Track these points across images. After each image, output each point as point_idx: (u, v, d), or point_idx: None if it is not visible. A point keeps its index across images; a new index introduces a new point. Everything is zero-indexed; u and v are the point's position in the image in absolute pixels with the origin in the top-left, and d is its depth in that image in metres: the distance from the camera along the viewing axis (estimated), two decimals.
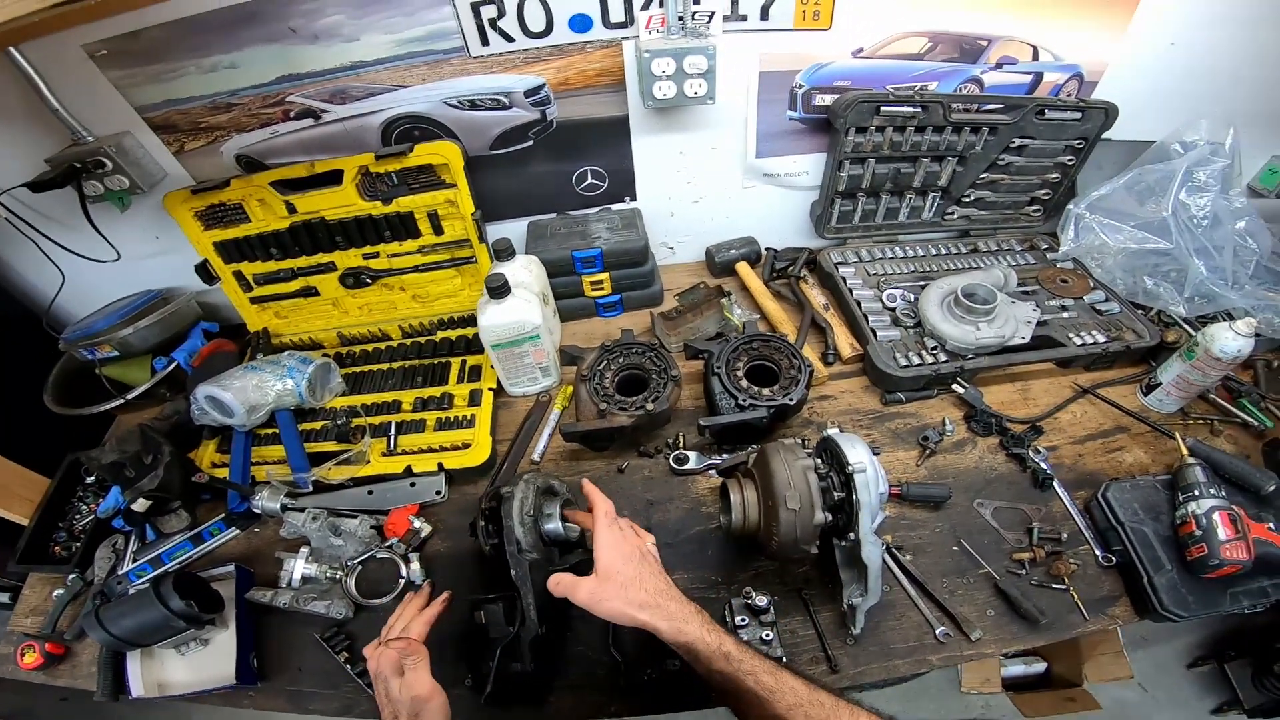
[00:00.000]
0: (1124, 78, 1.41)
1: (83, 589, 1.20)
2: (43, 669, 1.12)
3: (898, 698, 2.13)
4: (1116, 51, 1.37)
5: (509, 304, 1.23)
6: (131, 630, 0.99)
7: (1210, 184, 1.34)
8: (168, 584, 0.99)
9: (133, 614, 0.99)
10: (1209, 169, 1.34)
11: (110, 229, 1.35)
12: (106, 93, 1.23)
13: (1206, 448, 1.15)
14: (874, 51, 1.35)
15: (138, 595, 1.01)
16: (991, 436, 1.28)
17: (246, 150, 1.36)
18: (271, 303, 1.54)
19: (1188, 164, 1.35)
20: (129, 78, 1.22)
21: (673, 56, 1.21)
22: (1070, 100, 1.42)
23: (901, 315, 1.43)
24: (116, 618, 0.98)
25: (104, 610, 0.99)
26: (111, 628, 0.98)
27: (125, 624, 0.98)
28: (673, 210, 1.63)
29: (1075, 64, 1.40)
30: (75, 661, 1.14)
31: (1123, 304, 1.45)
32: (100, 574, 1.20)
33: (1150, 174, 1.39)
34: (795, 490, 0.94)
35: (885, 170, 1.49)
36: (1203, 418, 1.29)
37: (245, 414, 1.29)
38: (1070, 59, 1.39)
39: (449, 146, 1.31)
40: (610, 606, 0.85)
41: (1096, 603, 1.06)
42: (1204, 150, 1.35)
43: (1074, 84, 1.43)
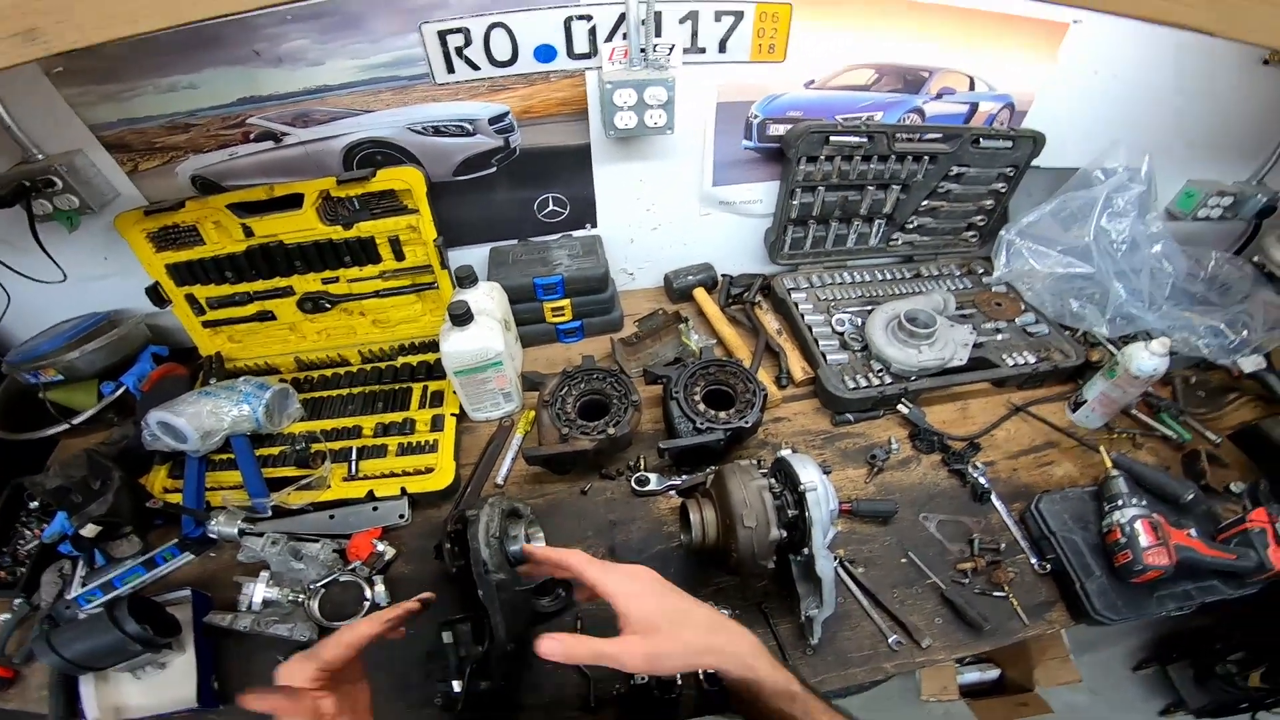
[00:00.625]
0: (1051, 106, 1.49)
1: (29, 613, 1.15)
2: None
3: (860, 707, 2.13)
4: (1044, 80, 1.45)
5: (471, 331, 1.24)
6: (84, 654, 0.96)
7: (1128, 209, 1.43)
8: (122, 608, 0.96)
9: (86, 638, 0.96)
10: (1127, 195, 1.42)
11: (57, 249, 1.31)
12: (60, 110, 1.19)
13: (1129, 460, 1.23)
14: (825, 83, 1.40)
15: (91, 619, 0.99)
16: (934, 454, 1.34)
17: (203, 171, 1.33)
18: (225, 326, 1.51)
19: (1108, 190, 1.43)
20: (84, 95, 1.18)
21: (634, 88, 1.25)
22: (1002, 129, 1.50)
23: (850, 339, 1.48)
24: (69, 641, 0.95)
25: (55, 634, 0.96)
26: (64, 651, 0.95)
27: (78, 647, 0.95)
28: (632, 237, 1.66)
29: (1007, 94, 1.48)
30: (24, 685, 1.10)
31: (1051, 326, 1.53)
32: (47, 599, 1.15)
33: (1074, 200, 1.47)
34: (751, 509, 0.98)
35: (834, 198, 1.56)
36: (1126, 432, 1.38)
37: (199, 440, 1.25)
38: (1003, 89, 1.47)
39: (412, 172, 1.32)
40: (674, 664, 0.74)
41: (1035, 608, 1.12)
42: (1122, 177, 1.43)
43: (1006, 113, 1.51)
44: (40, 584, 1.18)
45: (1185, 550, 1.07)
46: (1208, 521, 1.18)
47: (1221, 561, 1.09)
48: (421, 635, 1.05)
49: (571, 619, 1.10)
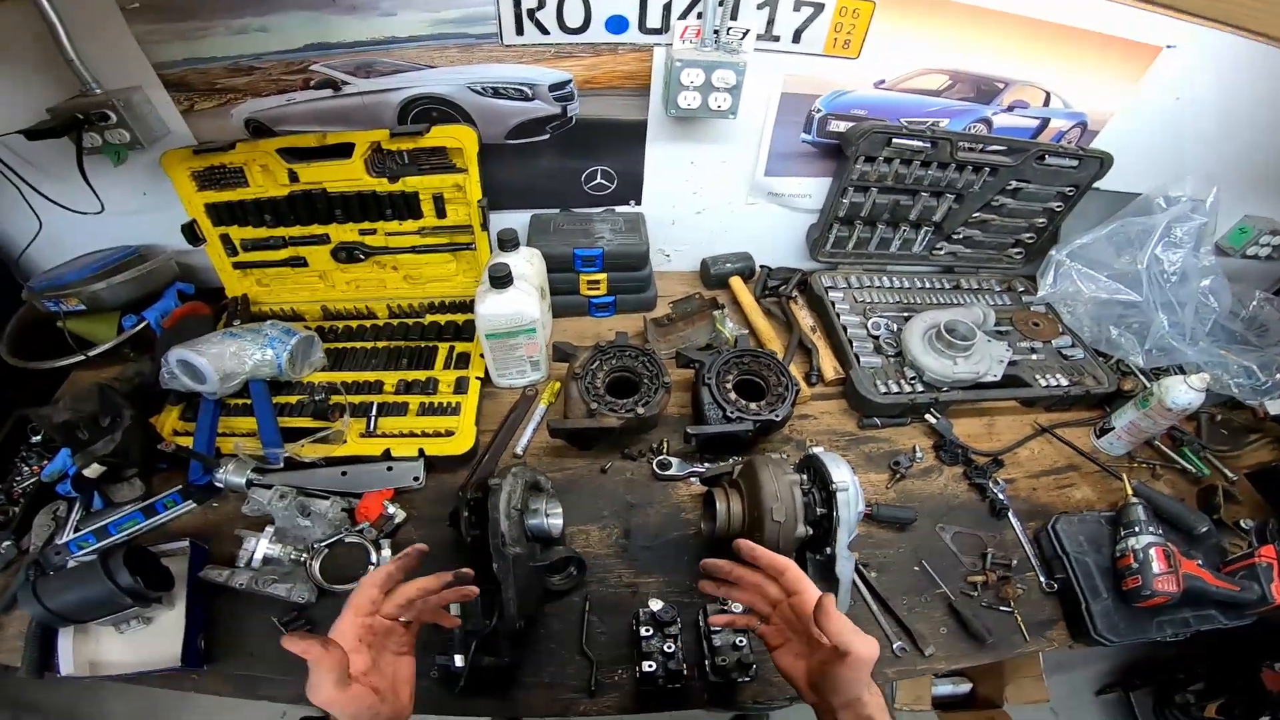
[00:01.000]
0: (1124, 129, 1.47)
1: (16, 557, 1.12)
2: None
3: None
4: (1123, 103, 1.42)
5: (509, 294, 1.22)
6: (70, 605, 0.92)
7: (1185, 240, 1.41)
8: (117, 558, 0.94)
9: (74, 588, 0.93)
10: (1187, 226, 1.41)
11: (98, 181, 1.29)
12: (126, 46, 1.18)
13: (1149, 489, 1.25)
14: (895, 84, 1.38)
15: (81, 568, 0.95)
16: (957, 466, 1.34)
17: (258, 115, 1.32)
18: (256, 269, 1.50)
19: (1168, 219, 1.41)
20: (155, 33, 1.17)
21: (703, 68, 1.23)
22: (1071, 148, 1.47)
23: (884, 344, 1.48)
24: (56, 591, 0.92)
25: (42, 583, 0.93)
26: (49, 601, 0.91)
27: (65, 598, 0.92)
28: (675, 219, 1.64)
29: (1082, 112, 1.45)
30: (1, 635, 1.06)
31: (1087, 350, 1.52)
32: (38, 542, 1.11)
33: (1132, 226, 1.46)
34: (781, 503, 0.98)
35: (886, 201, 1.54)
36: (1146, 462, 1.38)
37: (219, 381, 1.24)
38: (1079, 107, 1.44)
39: (465, 131, 1.30)
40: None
41: (1037, 625, 1.13)
42: (1185, 207, 1.42)
43: (1077, 131, 1.48)
44: (32, 526, 1.14)
45: (1193, 579, 1.09)
46: (1215, 554, 1.20)
47: (1225, 592, 1.11)
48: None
49: (580, 599, 1.10)
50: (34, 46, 1.14)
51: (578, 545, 1.17)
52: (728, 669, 0.99)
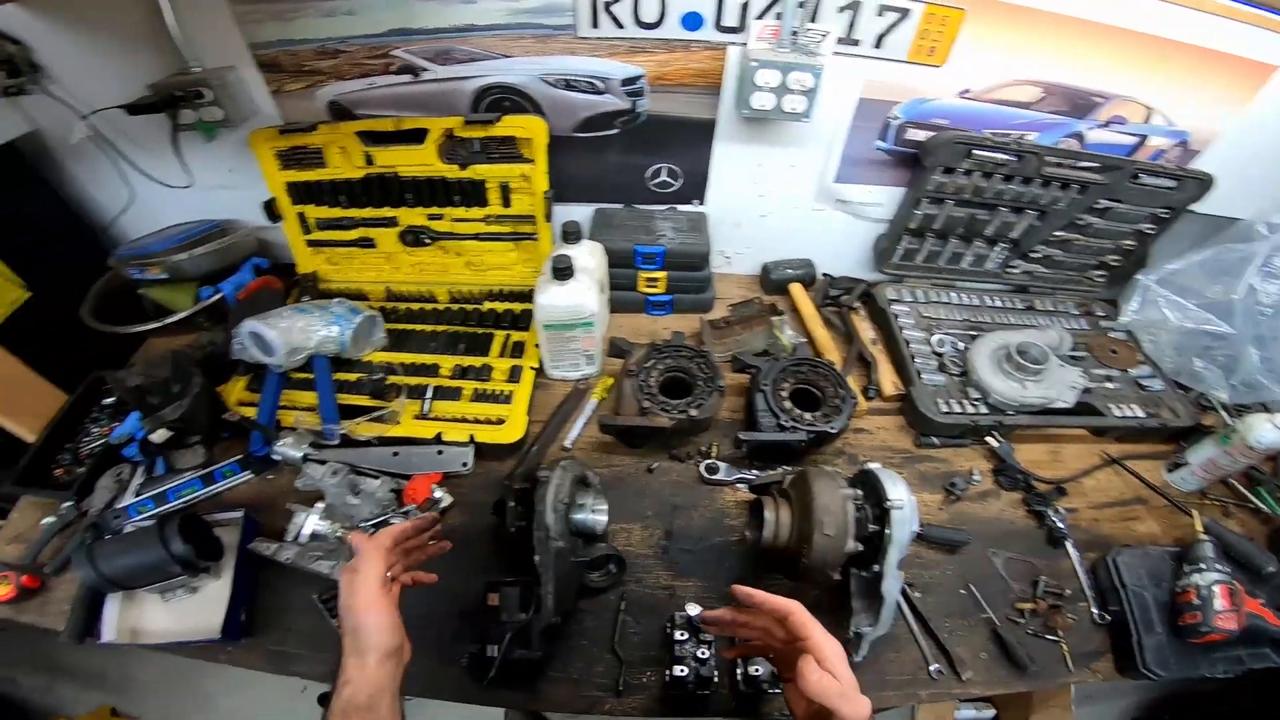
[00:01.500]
0: (1229, 150, 1.39)
1: (75, 519, 1.15)
2: (11, 603, 1.06)
3: None
4: (1230, 123, 1.36)
5: (570, 287, 1.23)
6: (122, 571, 0.95)
7: None
8: (173, 525, 0.96)
9: (130, 553, 0.95)
10: None
11: (188, 157, 1.36)
12: (225, 25, 1.23)
13: (1219, 527, 1.19)
14: (981, 94, 1.34)
15: (137, 534, 0.98)
16: (1016, 491, 1.29)
17: (340, 98, 1.36)
18: (326, 248, 1.55)
19: (1269, 248, 1.32)
20: (252, 13, 1.23)
21: (779, 70, 1.20)
22: (1170, 167, 1.40)
23: (948, 362, 1.42)
24: (110, 555, 0.95)
25: (98, 546, 0.96)
26: (102, 565, 0.94)
27: (119, 563, 0.94)
28: (739, 221, 1.62)
29: (1184, 130, 1.38)
30: (48, 598, 1.09)
31: (1167, 382, 1.44)
32: (99, 505, 1.14)
33: (1229, 254, 1.36)
34: (834, 517, 0.95)
35: (961, 214, 1.49)
36: (1219, 500, 1.31)
37: (285, 355, 1.28)
38: (1181, 125, 1.37)
39: (536, 122, 1.31)
40: None
41: (1083, 656, 1.09)
42: None
43: (1177, 150, 1.41)
44: (95, 488, 1.17)
45: (1255, 618, 1.05)
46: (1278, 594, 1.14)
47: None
48: (462, 592, 1.05)
49: (616, 598, 1.09)
50: (142, 22, 1.20)
51: (619, 543, 1.16)
52: (759, 679, 0.97)
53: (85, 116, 1.29)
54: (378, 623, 0.76)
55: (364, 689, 0.72)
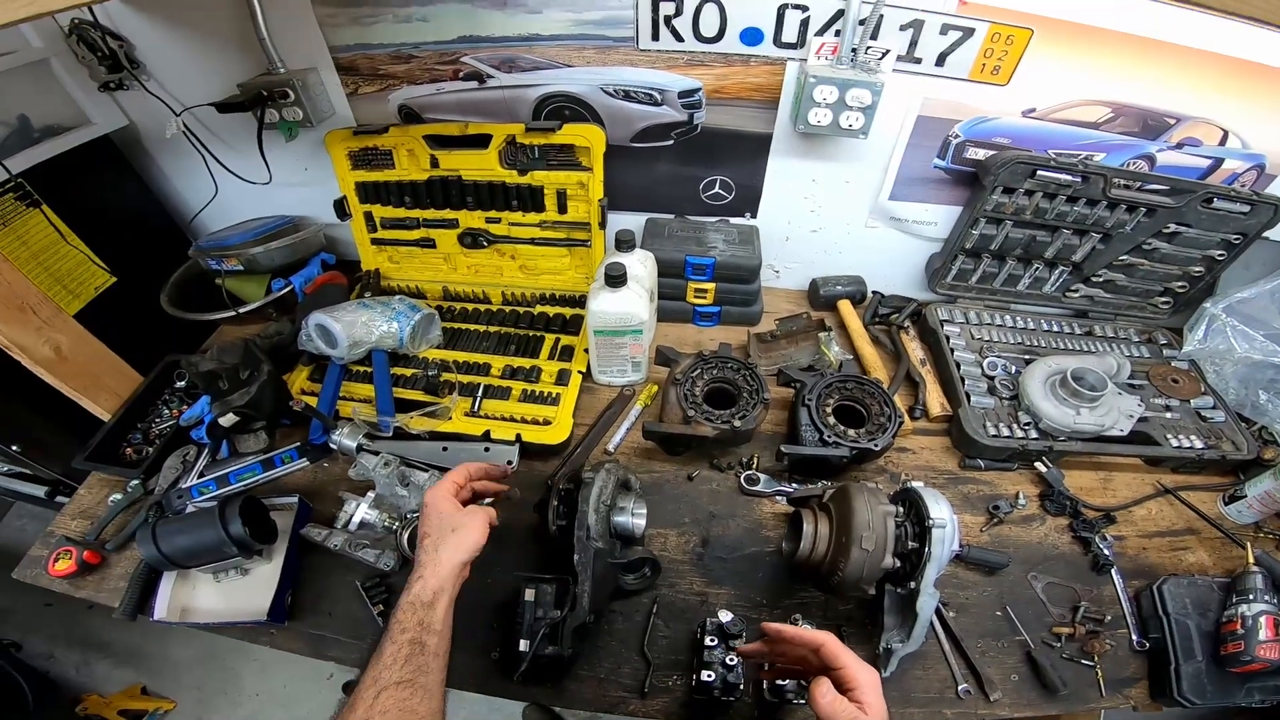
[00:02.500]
0: None
1: (140, 497, 1.20)
2: (70, 578, 1.09)
3: None
4: None
5: (622, 294, 1.25)
6: (181, 550, 0.98)
7: None
8: (234, 506, 1.00)
9: (189, 532, 0.99)
10: None
11: (269, 155, 1.42)
12: (309, 28, 1.30)
13: (1271, 559, 1.15)
14: (1046, 114, 1.31)
15: (197, 514, 1.02)
16: (1063, 517, 1.26)
17: (410, 102, 1.42)
18: (389, 246, 1.60)
19: None
20: (334, 16, 1.29)
21: (837, 86, 1.20)
22: (1244, 192, 1.34)
23: (999, 385, 1.40)
24: (171, 534, 0.99)
25: (161, 525, 1.00)
26: (163, 544, 0.98)
27: (179, 541, 0.98)
28: (789, 235, 1.63)
29: (1261, 154, 1.33)
30: (106, 574, 1.13)
31: (1229, 413, 1.39)
32: (164, 484, 1.19)
33: None
34: (873, 532, 0.95)
35: (1020, 235, 1.46)
36: (1273, 533, 1.26)
37: (348, 348, 1.33)
38: (1259, 148, 1.32)
39: (595, 131, 1.34)
40: None
41: (1117, 682, 1.06)
42: None
43: (1252, 174, 1.36)
44: (162, 468, 1.23)
45: None
46: None
47: None
48: (499, 585, 1.07)
49: (649, 601, 1.10)
50: (234, 23, 1.27)
51: (655, 548, 1.17)
52: (785, 689, 0.96)
53: (179, 113, 1.37)
54: (451, 510, 0.91)
55: (431, 584, 0.82)
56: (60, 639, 2.26)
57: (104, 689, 2.16)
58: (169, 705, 2.15)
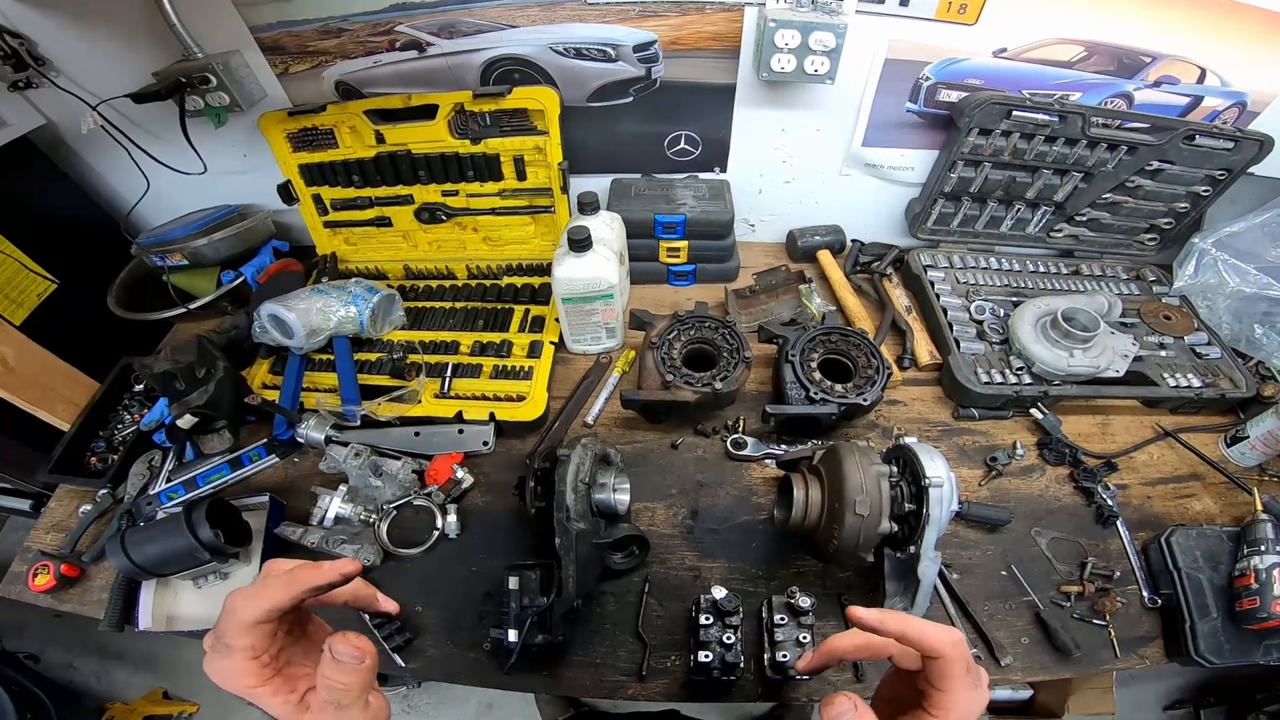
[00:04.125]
0: None
1: (111, 506, 1.18)
2: (51, 592, 1.08)
3: None
4: None
5: (588, 259, 1.20)
6: (154, 558, 0.96)
7: None
8: (200, 511, 0.97)
9: (158, 540, 0.96)
10: None
11: (201, 143, 1.35)
12: (224, 10, 1.22)
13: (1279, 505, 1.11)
14: (1018, 54, 1.27)
15: (166, 521, 0.98)
16: (1062, 467, 1.23)
17: (347, 78, 1.35)
18: (344, 228, 1.54)
19: None
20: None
21: (799, 30, 1.14)
22: (1226, 129, 1.32)
23: (988, 329, 1.36)
24: (141, 543, 0.96)
25: (130, 534, 0.97)
26: (134, 554, 0.95)
27: (149, 550, 0.95)
28: (762, 187, 1.57)
29: (1242, 91, 1.30)
30: (87, 586, 1.11)
31: (1225, 350, 1.36)
32: (132, 491, 1.17)
33: None
34: (866, 496, 0.90)
35: (1000, 177, 1.41)
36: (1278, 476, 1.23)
37: (305, 337, 1.28)
38: (1238, 85, 1.29)
39: (547, 93, 1.27)
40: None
41: (1131, 641, 1.04)
42: None
43: (1234, 111, 1.33)
44: (128, 475, 1.20)
45: None
46: None
47: None
48: (483, 574, 1.05)
49: (640, 580, 1.07)
50: (140, 10, 1.19)
51: (642, 523, 1.14)
52: (786, 665, 0.93)
53: (94, 107, 1.29)
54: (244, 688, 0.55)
55: None
56: (77, 648, 2.28)
57: (125, 696, 2.18)
58: (192, 709, 2.16)
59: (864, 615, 0.60)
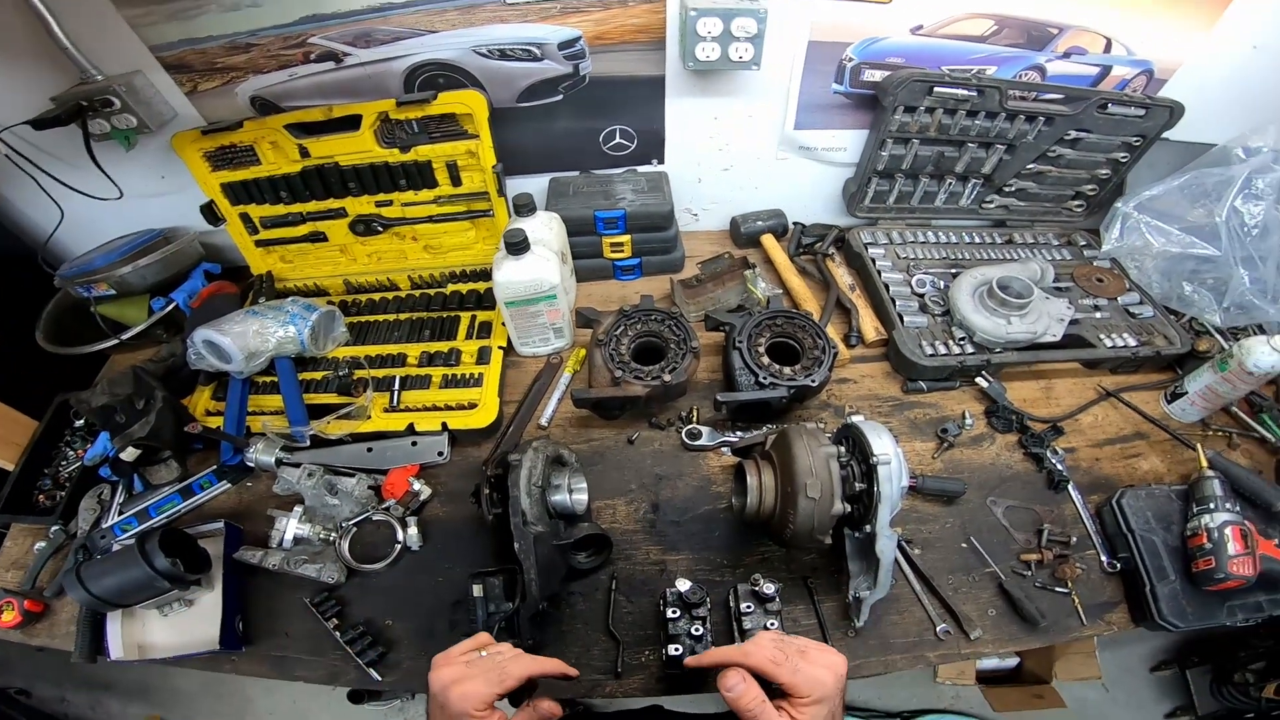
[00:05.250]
0: (1196, 78, 1.36)
1: (65, 541, 1.16)
2: (20, 627, 1.07)
3: (871, 684, 2.20)
4: (1194, 50, 1.32)
5: (527, 261, 1.19)
6: (113, 590, 0.94)
7: (1268, 193, 1.29)
8: (153, 541, 0.95)
9: (115, 572, 0.95)
10: (1270, 177, 1.29)
11: (114, 167, 1.31)
12: (120, 31, 1.17)
13: (1225, 461, 1.14)
14: (934, 30, 1.29)
15: (121, 553, 0.97)
16: (1011, 434, 1.26)
17: (262, 92, 1.31)
18: (277, 246, 1.49)
19: (1249, 171, 1.29)
20: (146, 16, 1.16)
21: (720, 17, 1.14)
22: (1136, 96, 1.36)
23: (930, 302, 1.39)
24: (98, 576, 0.94)
25: (85, 568, 0.95)
26: (92, 586, 0.93)
27: (107, 583, 0.94)
28: (701, 176, 1.58)
29: (1148, 60, 1.34)
30: (54, 620, 1.10)
31: (1157, 308, 1.41)
32: (84, 526, 1.15)
33: (1208, 177, 1.34)
34: (817, 478, 0.90)
35: (929, 153, 1.44)
36: (1222, 430, 1.27)
37: (244, 360, 1.24)
38: (1144, 54, 1.33)
39: (474, 96, 1.25)
40: None
41: (1096, 608, 1.06)
42: (1267, 158, 1.30)
43: (1142, 79, 1.38)
44: (78, 511, 1.17)
45: (1270, 561, 1.00)
46: None
47: None
48: (450, 583, 1.05)
49: (607, 578, 1.08)
50: (29, 36, 1.15)
51: (604, 521, 1.14)
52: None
53: None
54: None
55: None
56: (66, 682, 2.25)
57: None
58: None
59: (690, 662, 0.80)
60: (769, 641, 0.71)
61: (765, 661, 0.68)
